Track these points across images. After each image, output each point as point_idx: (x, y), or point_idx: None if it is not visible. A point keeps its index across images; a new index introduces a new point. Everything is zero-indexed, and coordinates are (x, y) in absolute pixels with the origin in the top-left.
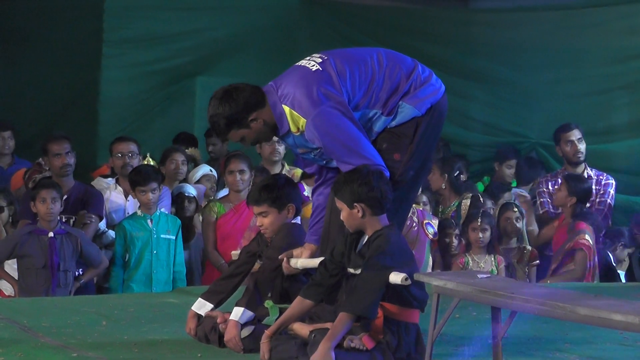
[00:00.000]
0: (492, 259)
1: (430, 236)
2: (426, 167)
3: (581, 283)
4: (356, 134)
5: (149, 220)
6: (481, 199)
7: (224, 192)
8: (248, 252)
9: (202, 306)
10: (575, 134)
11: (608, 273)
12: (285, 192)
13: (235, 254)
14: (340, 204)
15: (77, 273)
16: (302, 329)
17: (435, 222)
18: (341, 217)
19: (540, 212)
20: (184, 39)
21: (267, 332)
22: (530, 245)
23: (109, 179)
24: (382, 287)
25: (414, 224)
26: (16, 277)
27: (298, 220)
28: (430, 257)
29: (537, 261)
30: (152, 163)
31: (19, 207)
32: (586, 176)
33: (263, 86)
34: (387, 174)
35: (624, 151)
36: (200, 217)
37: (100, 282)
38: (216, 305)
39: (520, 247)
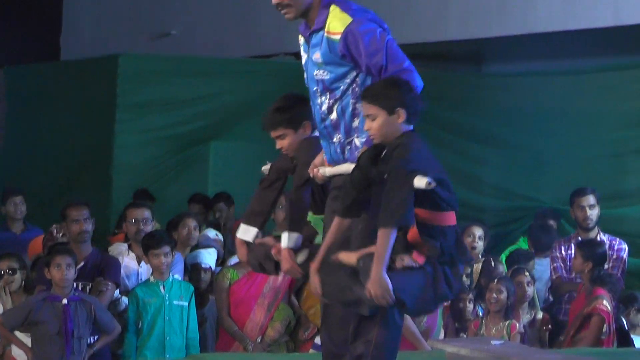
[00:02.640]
0: (507, 325)
1: None
2: None
3: (595, 349)
4: (391, 42)
5: (161, 287)
6: (492, 263)
7: (236, 259)
8: (278, 169)
9: (246, 231)
10: (589, 200)
11: (621, 338)
12: (298, 110)
13: (265, 169)
14: (374, 110)
15: (91, 340)
16: (349, 257)
17: None
18: (371, 125)
19: (554, 277)
20: (196, 105)
21: (313, 266)
22: (541, 310)
23: (123, 244)
24: (410, 193)
25: None
26: (29, 344)
27: (316, 133)
28: (443, 323)
29: (549, 326)
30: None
31: (36, 273)
32: (600, 241)
33: None
34: (416, 82)
35: (637, 215)
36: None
37: (114, 349)
38: (260, 227)
39: (531, 313)
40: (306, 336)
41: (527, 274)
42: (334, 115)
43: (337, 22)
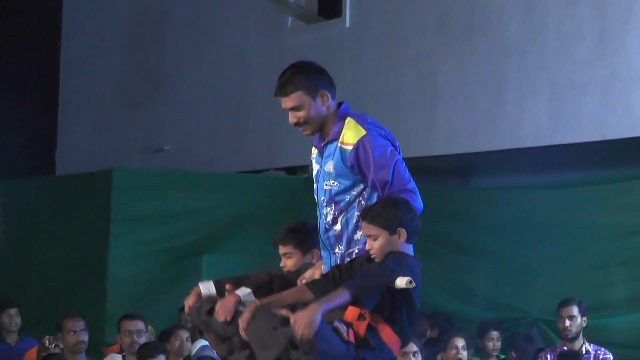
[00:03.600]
0: None
1: None
2: None
3: None
4: (400, 161)
5: None
6: None
7: None
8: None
9: (208, 287)
10: (571, 310)
11: None
12: (311, 236)
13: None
14: (375, 230)
15: None
16: (289, 314)
17: None
18: (373, 245)
19: None
20: (189, 218)
21: (257, 301)
22: None
23: (118, 355)
24: (384, 284)
25: None
26: None
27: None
28: None
29: None
30: (152, 332)
31: None
32: (584, 351)
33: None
34: (417, 204)
35: (622, 326)
36: None
37: None
38: (216, 285)
39: None
40: None
41: None
42: (337, 227)
43: (351, 133)
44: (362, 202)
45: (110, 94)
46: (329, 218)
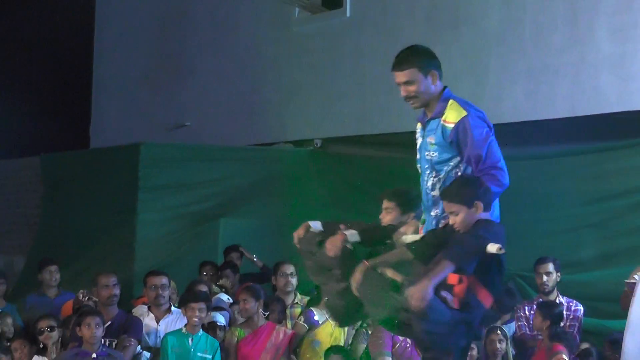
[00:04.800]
0: None
1: None
2: None
3: None
4: (493, 142)
5: (190, 339)
6: None
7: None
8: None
9: (316, 224)
10: (547, 267)
11: None
12: (412, 202)
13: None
14: (456, 207)
15: None
16: (394, 274)
17: None
18: (456, 219)
19: (518, 334)
20: (208, 186)
21: (365, 262)
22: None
23: (144, 306)
24: (478, 251)
25: (408, 345)
26: None
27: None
28: None
29: None
30: (175, 288)
31: (70, 332)
32: (557, 302)
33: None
34: (504, 180)
35: (591, 281)
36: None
37: None
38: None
39: None
40: None
41: (499, 332)
42: (435, 192)
43: (453, 113)
44: (458, 173)
45: (138, 77)
46: (429, 184)
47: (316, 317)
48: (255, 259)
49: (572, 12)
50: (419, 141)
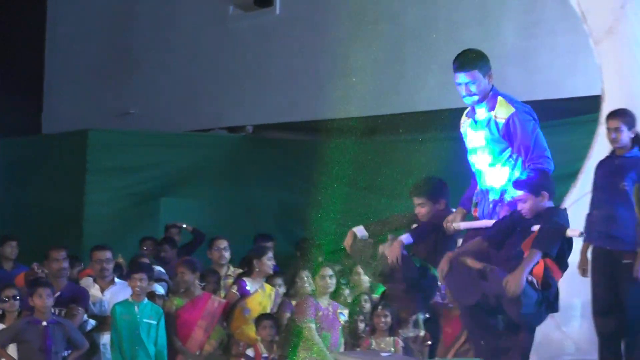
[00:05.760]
0: (392, 340)
1: (342, 322)
2: None
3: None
4: (539, 134)
5: (136, 307)
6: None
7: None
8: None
9: (361, 231)
10: None
11: None
12: (440, 190)
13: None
14: (524, 195)
15: (65, 354)
16: (474, 263)
17: (345, 312)
18: (524, 206)
19: (431, 302)
20: (151, 169)
21: (449, 253)
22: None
23: (90, 278)
24: (561, 237)
25: (330, 313)
26: (16, 358)
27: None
28: (343, 339)
29: (429, 342)
30: (123, 262)
31: (22, 301)
32: None
33: None
34: (550, 167)
35: None
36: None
37: None
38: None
39: (415, 331)
40: (240, 351)
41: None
42: (492, 180)
43: (503, 109)
44: (510, 161)
45: (88, 69)
46: (481, 166)
47: (247, 287)
48: (185, 226)
49: (482, 11)
50: (470, 135)
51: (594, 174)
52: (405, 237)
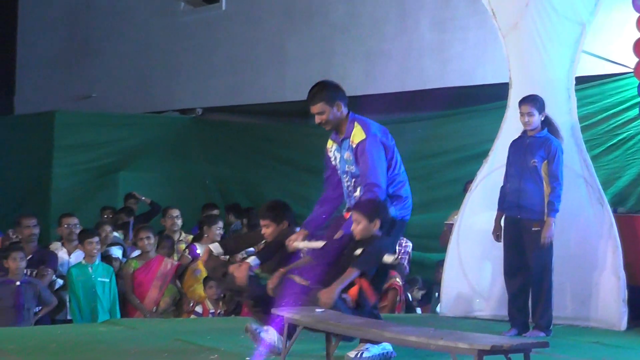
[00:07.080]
0: None
1: None
2: None
3: (391, 314)
4: (383, 163)
5: (90, 268)
6: None
7: (137, 252)
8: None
9: (216, 248)
10: None
11: (408, 308)
12: (282, 212)
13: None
14: (360, 217)
15: (36, 310)
16: (301, 280)
17: None
18: (357, 228)
19: None
20: (110, 146)
21: (281, 269)
22: None
23: (58, 242)
24: (378, 260)
25: None
26: None
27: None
28: None
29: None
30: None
31: None
32: None
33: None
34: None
35: (417, 223)
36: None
37: (52, 315)
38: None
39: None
40: (190, 307)
41: None
42: (357, 193)
43: (357, 135)
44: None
45: (54, 57)
46: (351, 188)
47: (198, 251)
48: (143, 198)
49: (401, 8)
50: (337, 157)
51: (508, 152)
52: (253, 260)
